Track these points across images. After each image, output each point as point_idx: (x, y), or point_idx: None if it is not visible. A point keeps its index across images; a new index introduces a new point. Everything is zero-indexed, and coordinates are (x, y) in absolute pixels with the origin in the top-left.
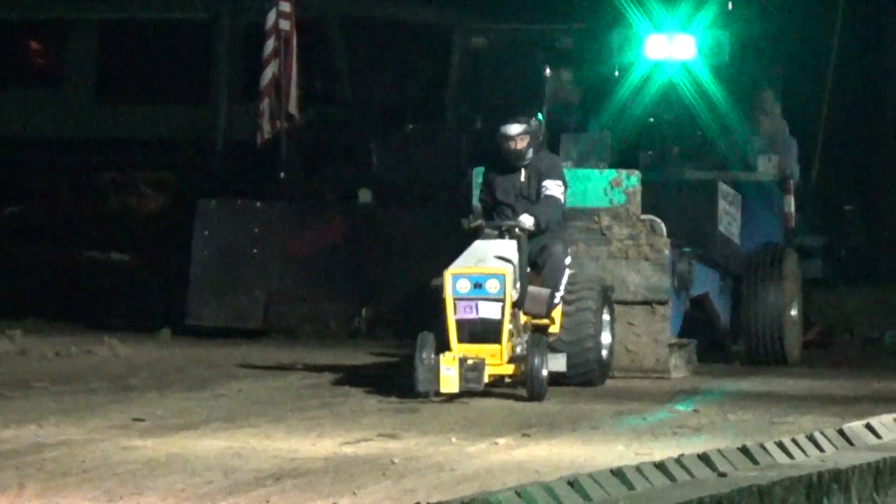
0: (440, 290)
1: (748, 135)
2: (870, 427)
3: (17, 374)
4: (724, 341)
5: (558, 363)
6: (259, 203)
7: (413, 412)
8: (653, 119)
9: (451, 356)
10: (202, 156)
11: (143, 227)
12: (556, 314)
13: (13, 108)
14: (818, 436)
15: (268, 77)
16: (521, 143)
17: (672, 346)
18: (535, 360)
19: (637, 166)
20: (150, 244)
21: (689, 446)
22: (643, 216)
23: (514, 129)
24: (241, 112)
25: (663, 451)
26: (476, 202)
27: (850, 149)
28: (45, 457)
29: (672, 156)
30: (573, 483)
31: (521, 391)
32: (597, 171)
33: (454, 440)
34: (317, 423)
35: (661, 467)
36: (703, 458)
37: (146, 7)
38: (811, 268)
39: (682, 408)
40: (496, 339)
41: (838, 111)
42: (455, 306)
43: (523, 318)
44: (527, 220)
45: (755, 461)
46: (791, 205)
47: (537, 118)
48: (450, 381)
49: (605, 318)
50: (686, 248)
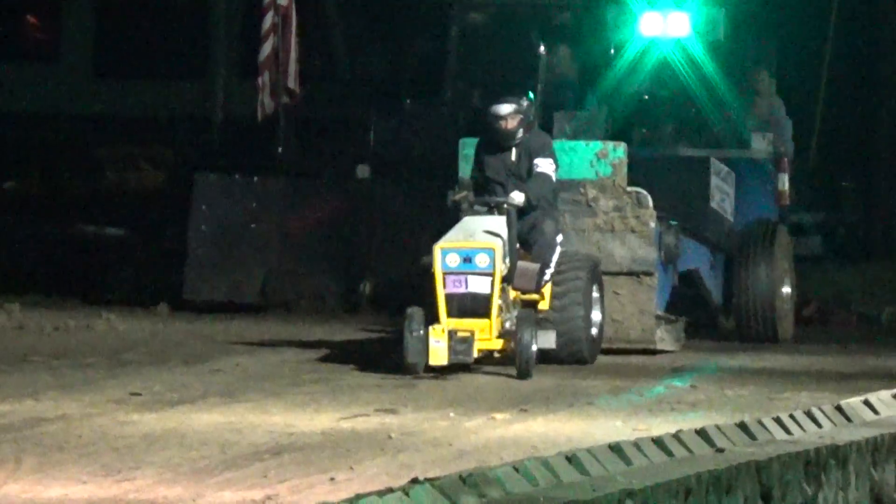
0: (429, 266)
1: (743, 112)
2: (867, 403)
3: (15, 348)
4: (715, 318)
5: (548, 340)
6: (257, 178)
7: (411, 387)
8: (647, 96)
9: (441, 328)
10: (199, 131)
11: (141, 203)
12: (546, 291)
13: (10, 82)
14: (816, 412)
15: (266, 52)
16: (512, 123)
17: (659, 318)
18: (525, 336)
19: (631, 144)
20: (148, 219)
21: (687, 422)
22: (629, 188)
23: (505, 108)
24: (238, 87)
25: (661, 426)
26: (462, 174)
27: (848, 126)
28: (42, 431)
29: (666, 133)
30: (571, 458)
31: (511, 370)
32: (583, 143)
33: (452, 415)
34: (314, 398)
35: (658, 443)
36: (701, 433)
37: None
38: (809, 245)
39: (679, 383)
40: (485, 314)
41: (836, 88)
42: (444, 280)
43: (513, 294)
44: (517, 197)
45: (753, 437)
46: (785, 183)
47: (528, 97)
48: (439, 353)
49: (595, 295)
50: (673, 221)
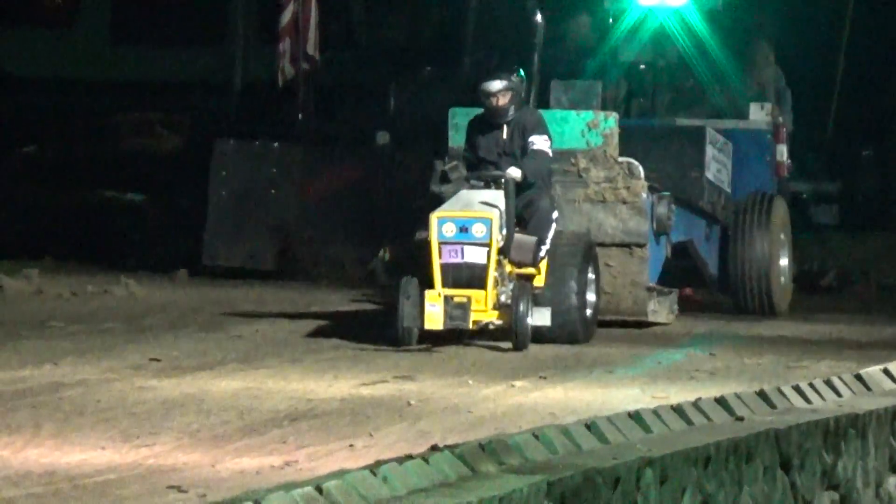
0: (424, 240)
1: (740, 82)
2: (887, 372)
3: (34, 313)
4: (711, 291)
5: (543, 317)
6: (276, 144)
7: (429, 354)
8: (644, 66)
9: (436, 293)
10: (218, 97)
11: (159, 169)
12: (542, 268)
13: (28, 48)
14: (835, 381)
15: (286, 19)
16: (504, 100)
17: (651, 290)
18: (521, 307)
19: (628, 114)
20: (166, 186)
21: (706, 390)
22: (621, 158)
23: (496, 85)
24: (257, 53)
25: (680, 394)
26: (452, 144)
27: (868, 94)
28: (61, 396)
29: (663, 103)
30: (590, 426)
31: (506, 345)
32: (574, 113)
33: (470, 382)
34: (333, 365)
35: (677, 411)
36: (721, 402)
37: None
38: (827, 213)
39: (698, 351)
40: (481, 285)
41: (856, 56)
42: (440, 250)
43: (508, 268)
44: (514, 172)
45: (772, 406)
46: (784, 154)
47: (519, 74)
48: (434, 317)
49: (590, 276)
50: (665, 192)
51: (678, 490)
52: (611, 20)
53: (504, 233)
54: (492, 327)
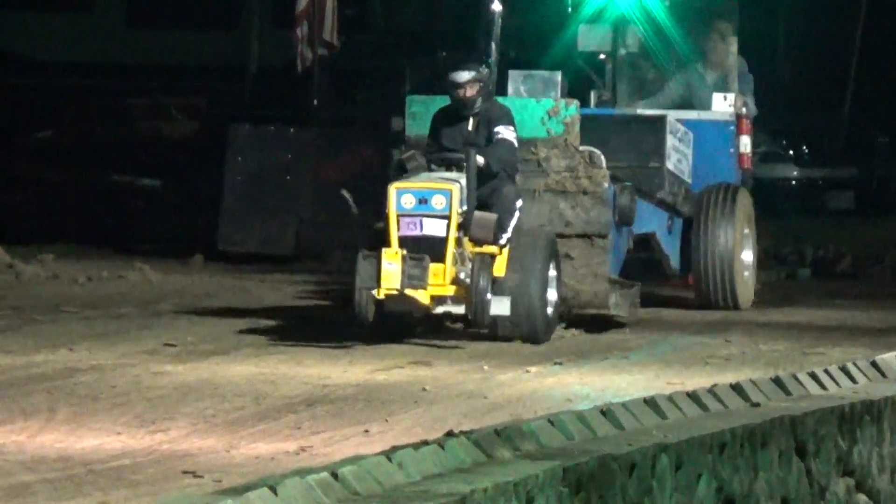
0: (381, 232)
1: (703, 72)
2: None
3: (49, 298)
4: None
5: (502, 306)
6: (291, 129)
7: (444, 340)
8: (604, 56)
9: (394, 251)
10: (233, 81)
11: (174, 153)
12: (503, 261)
13: (46, 32)
14: (851, 367)
15: (303, 5)
16: (471, 91)
17: (613, 283)
18: (480, 281)
19: (588, 104)
20: (181, 170)
21: (721, 376)
22: (582, 147)
23: (464, 75)
24: (272, 37)
25: (695, 380)
26: (408, 133)
27: (883, 81)
28: (76, 381)
29: (624, 93)
30: (606, 412)
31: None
32: (534, 101)
33: (486, 368)
34: (348, 351)
35: (693, 397)
36: (736, 388)
37: None
38: (843, 199)
39: (712, 338)
40: (440, 258)
41: (871, 43)
42: (398, 222)
43: (469, 247)
44: (479, 158)
45: (787, 392)
46: (747, 145)
47: (488, 64)
48: (392, 275)
49: (552, 274)
50: (627, 183)
51: (693, 476)
52: (570, 9)
53: (464, 208)
54: (448, 302)
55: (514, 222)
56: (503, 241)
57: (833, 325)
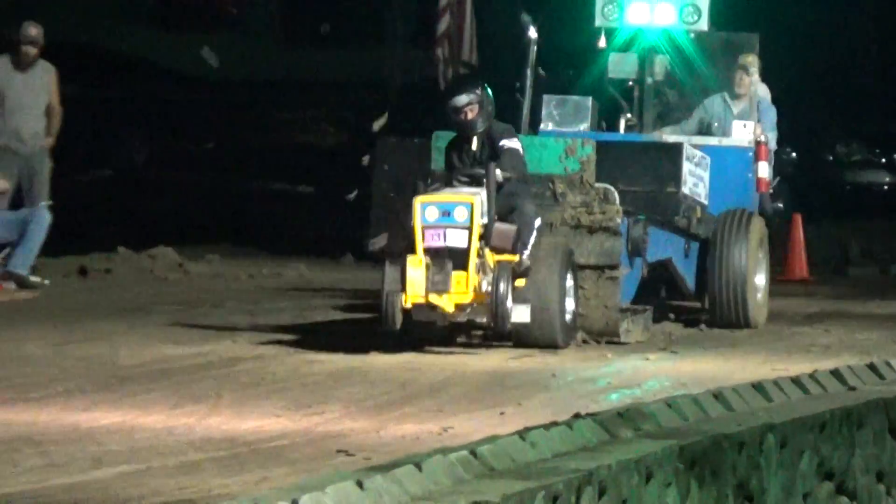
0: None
1: (725, 101)
2: None
3: (215, 293)
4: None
5: (522, 314)
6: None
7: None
8: (632, 83)
9: (418, 258)
10: (378, 95)
11: (326, 162)
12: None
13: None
14: None
15: (443, 28)
16: (471, 114)
17: (625, 311)
18: (501, 287)
19: (616, 128)
20: (333, 177)
21: (821, 363)
22: (597, 184)
23: (462, 99)
24: (413, 56)
25: (798, 366)
26: (434, 167)
27: None
28: (239, 369)
29: (650, 119)
30: (718, 396)
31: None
32: (552, 139)
33: (609, 356)
34: (484, 342)
35: (796, 382)
36: (835, 373)
37: None
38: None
39: (813, 328)
40: (463, 267)
41: None
42: (423, 234)
43: (490, 258)
44: (497, 173)
45: (881, 377)
46: (765, 170)
47: (485, 87)
48: (416, 282)
49: (569, 284)
50: (641, 216)
51: (797, 453)
52: (603, 38)
53: (485, 220)
54: (469, 311)
55: (533, 239)
56: (525, 256)
57: None
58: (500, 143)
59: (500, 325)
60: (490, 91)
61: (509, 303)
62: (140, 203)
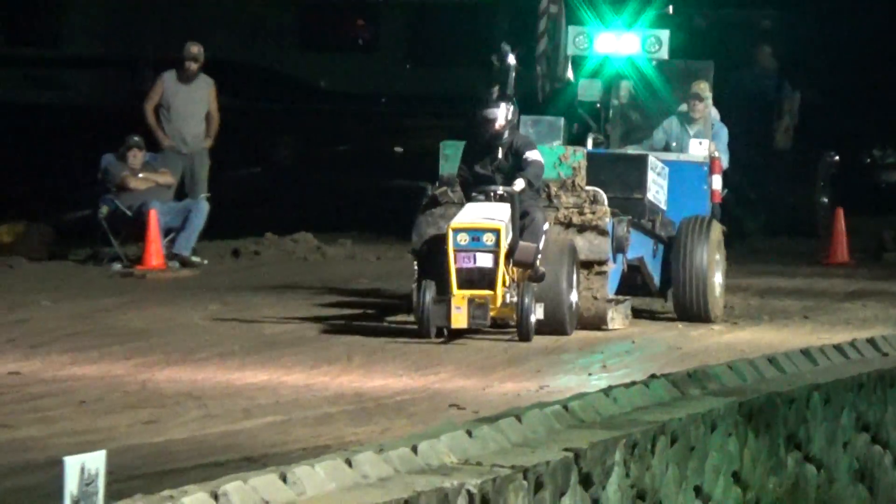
0: (422, 250)
1: (682, 122)
2: None
3: (347, 273)
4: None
5: (538, 312)
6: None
7: (648, 305)
8: (599, 105)
9: (461, 295)
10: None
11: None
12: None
13: (339, 69)
14: None
15: (542, 48)
16: (501, 125)
17: (610, 301)
18: (526, 303)
19: (585, 145)
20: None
21: (859, 333)
22: (587, 187)
23: (495, 112)
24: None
25: (839, 336)
26: (441, 172)
27: None
28: (367, 336)
29: (616, 137)
30: (772, 360)
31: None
32: (548, 148)
33: (680, 327)
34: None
35: (838, 349)
36: (871, 341)
37: None
38: None
39: (853, 305)
40: (491, 286)
41: None
42: (455, 257)
43: (512, 271)
44: (518, 185)
45: None
46: (718, 183)
47: (513, 102)
48: (459, 317)
49: (573, 278)
50: (624, 217)
51: (839, 409)
52: (574, 66)
53: (510, 239)
54: (499, 322)
55: (542, 242)
56: (538, 263)
57: None
58: (525, 154)
59: (525, 334)
60: (517, 104)
61: (533, 317)
62: (285, 195)
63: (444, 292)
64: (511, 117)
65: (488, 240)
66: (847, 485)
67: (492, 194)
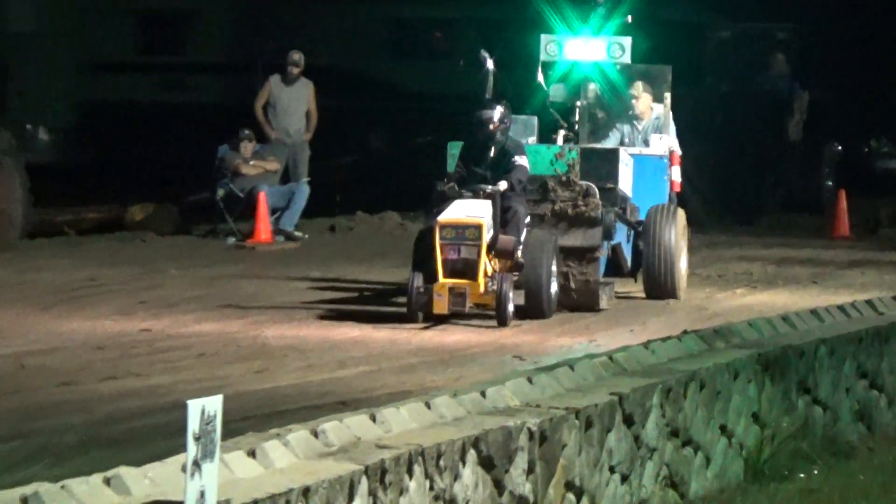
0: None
1: (643, 119)
2: None
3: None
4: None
5: (518, 299)
6: None
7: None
8: (569, 105)
9: (442, 284)
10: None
11: None
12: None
13: (421, 73)
14: None
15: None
16: (494, 127)
17: (599, 283)
18: (503, 291)
19: (555, 141)
20: None
21: (859, 295)
22: (581, 182)
23: (489, 114)
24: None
25: (842, 298)
26: (448, 170)
27: None
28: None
29: (584, 134)
30: (785, 318)
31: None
32: (545, 147)
33: (707, 290)
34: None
35: (841, 308)
36: (868, 302)
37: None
38: None
39: (853, 271)
40: (473, 276)
41: None
42: (441, 249)
43: (493, 262)
44: (502, 185)
45: None
46: (678, 174)
47: (508, 107)
48: (440, 304)
49: (553, 269)
50: (612, 208)
51: (842, 359)
52: (542, 69)
53: (491, 234)
54: (478, 309)
55: (524, 234)
56: (519, 254)
57: None
58: (514, 158)
59: (502, 320)
60: (511, 110)
61: (511, 305)
62: (374, 180)
63: (434, 281)
64: (504, 119)
65: (471, 234)
66: (849, 423)
67: (480, 193)
